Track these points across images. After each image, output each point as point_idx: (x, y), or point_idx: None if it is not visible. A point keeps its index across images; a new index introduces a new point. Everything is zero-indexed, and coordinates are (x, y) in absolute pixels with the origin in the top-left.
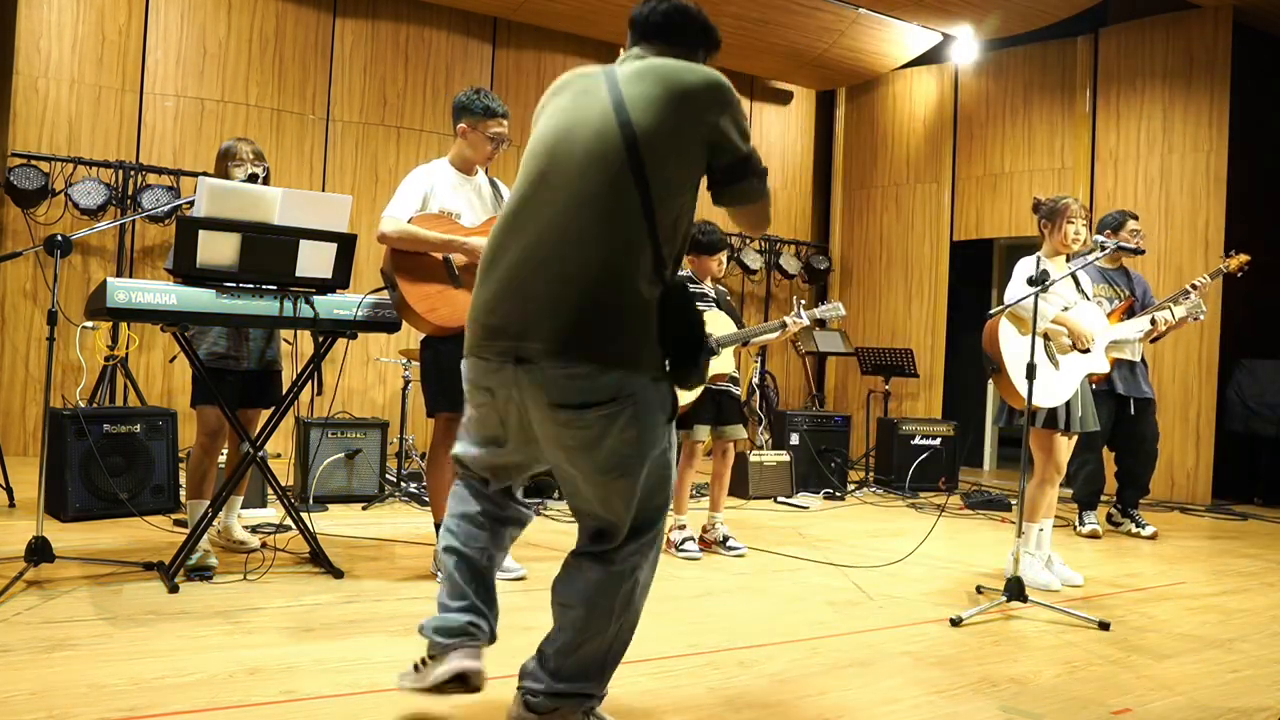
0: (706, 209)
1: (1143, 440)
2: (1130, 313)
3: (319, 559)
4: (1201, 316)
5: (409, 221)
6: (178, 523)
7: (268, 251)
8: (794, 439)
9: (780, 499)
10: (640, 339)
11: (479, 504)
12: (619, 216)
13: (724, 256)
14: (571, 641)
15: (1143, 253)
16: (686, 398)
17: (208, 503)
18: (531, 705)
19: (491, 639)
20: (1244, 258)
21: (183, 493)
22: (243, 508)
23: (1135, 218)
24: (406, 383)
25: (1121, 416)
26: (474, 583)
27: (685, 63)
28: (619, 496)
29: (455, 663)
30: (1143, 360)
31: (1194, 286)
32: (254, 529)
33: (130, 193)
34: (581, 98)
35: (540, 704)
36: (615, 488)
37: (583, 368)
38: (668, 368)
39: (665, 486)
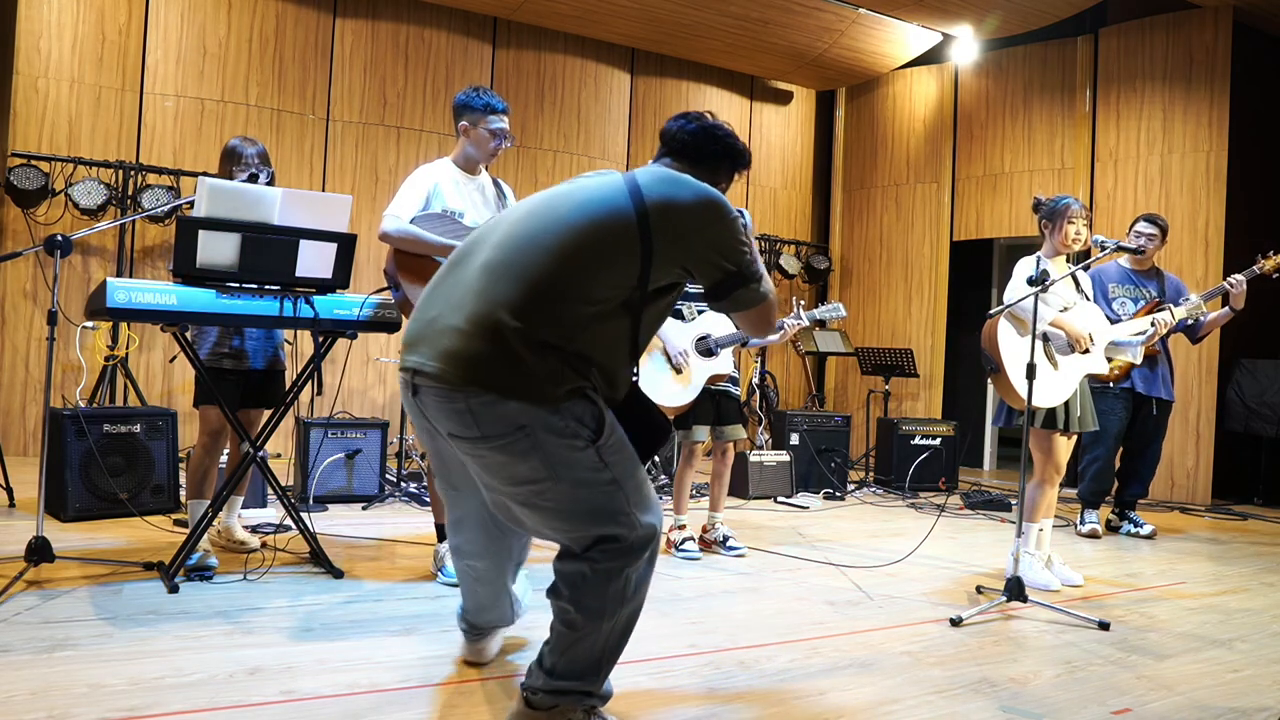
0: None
1: (1153, 441)
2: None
3: (319, 559)
4: (1203, 318)
5: (411, 221)
6: (178, 523)
7: (268, 252)
8: (794, 439)
9: (780, 499)
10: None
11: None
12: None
13: None
14: (564, 639)
15: (1142, 252)
16: (686, 399)
17: (208, 503)
18: (531, 703)
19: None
20: None
21: (183, 493)
22: (243, 508)
23: (1149, 220)
24: None
25: (1139, 415)
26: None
27: (688, 178)
28: (544, 525)
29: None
30: (1169, 362)
31: (1230, 285)
32: (254, 529)
33: (130, 193)
34: (600, 176)
35: (540, 700)
36: (534, 517)
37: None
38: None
39: (609, 504)
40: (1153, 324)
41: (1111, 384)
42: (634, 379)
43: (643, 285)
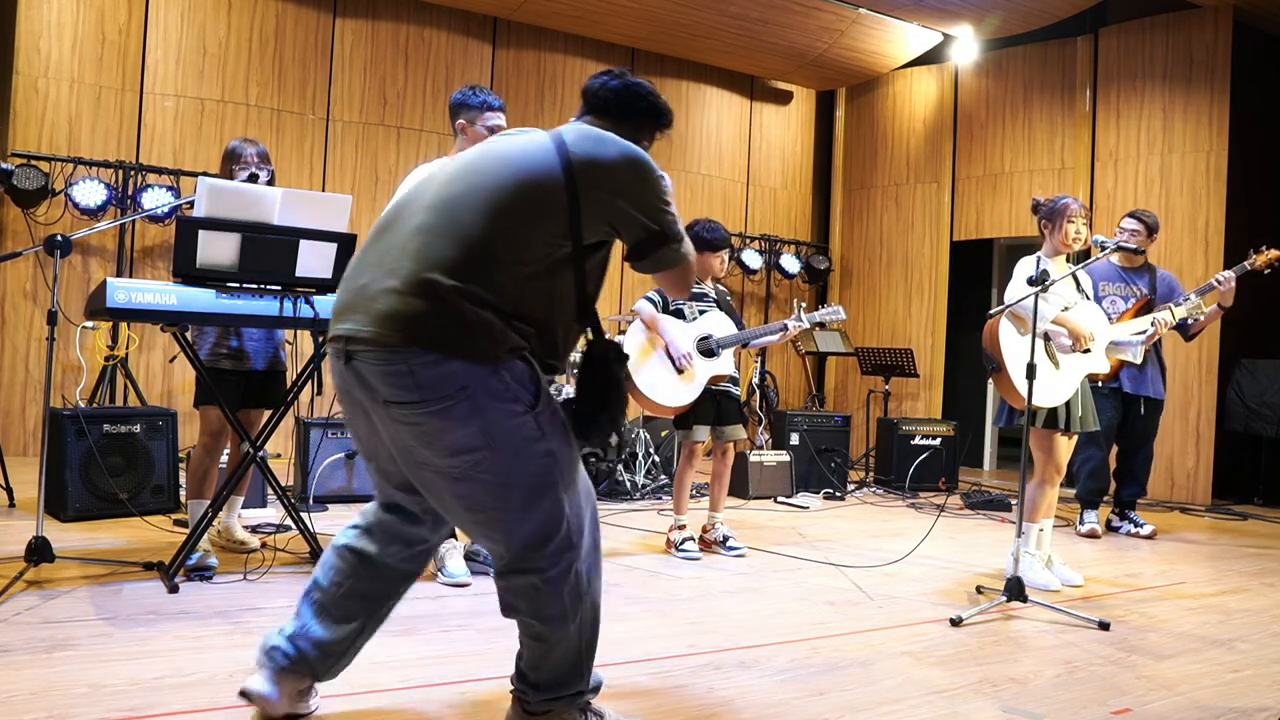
0: (706, 208)
1: (1145, 440)
2: (1147, 311)
3: (319, 559)
4: (1202, 317)
5: None
6: (178, 523)
7: (268, 251)
8: (794, 439)
9: (780, 499)
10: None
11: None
12: (538, 223)
13: (725, 255)
14: (537, 651)
15: (1142, 252)
16: (687, 399)
17: (208, 503)
18: (528, 709)
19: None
20: (1273, 254)
21: (183, 493)
22: (243, 508)
23: (1134, 217)
24: None
25: (1129, 415)
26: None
27: (613, 136)
28: (477, 508)
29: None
30: (1160, 362)
31: (1217, 282)
32: (254, 529)
33: (130, 193)
34: (525, 134)
35: (535, 706)
36: (466, 497)
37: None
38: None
39: (544, 479)
40: (1153, 323)
41: (1100, 383)
42: (613, 352)
43: (576, 241)
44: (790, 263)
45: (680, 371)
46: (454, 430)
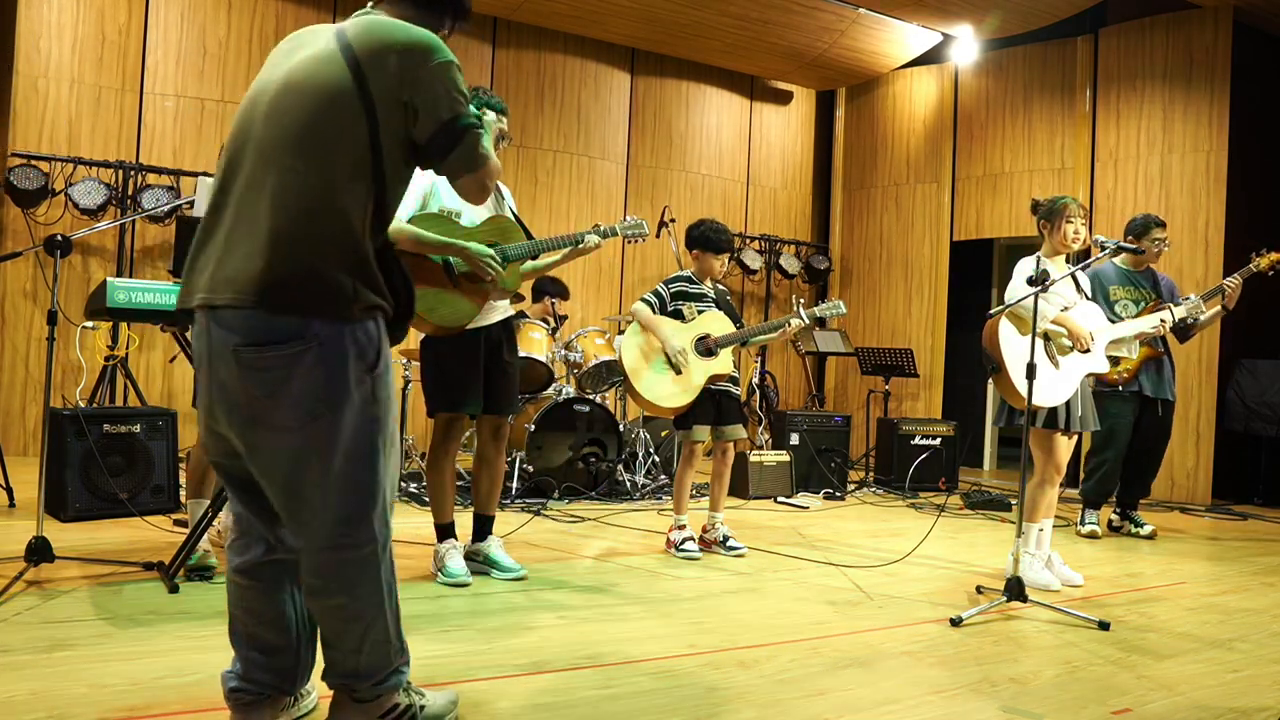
0: (706, 208)
1: (1159, 441)
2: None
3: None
4: (1202, 317)
5: (408, 221)
6: (178, 523)
7: None
8: (794, 439)
9: (780, 499)
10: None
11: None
12: (341, 152)
13: (726, 257)
14: (356, 636)
15: (1142, 252)
16: (686, 398)
17: (208, 502)
18: (358, 697)
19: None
20: (1275, 256)
21: (183, 493)
22: None
23: (1161, 225)
24: (407, 382)
25: (1146, 417)
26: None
27: (402, 24)
28: (301, 475)
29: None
30: (1170, 361)
31: (1228, 286)
32: None
33: (130, 193)
34: (308, 39)
35: (366, 693)
36: (295, 460)
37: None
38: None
39: (369, 446)
40: (1158, 322)
41: (1121, 386)
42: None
43: (375, 148)
44: (790, 263)
45: (678, 371)
46: (296, 383)
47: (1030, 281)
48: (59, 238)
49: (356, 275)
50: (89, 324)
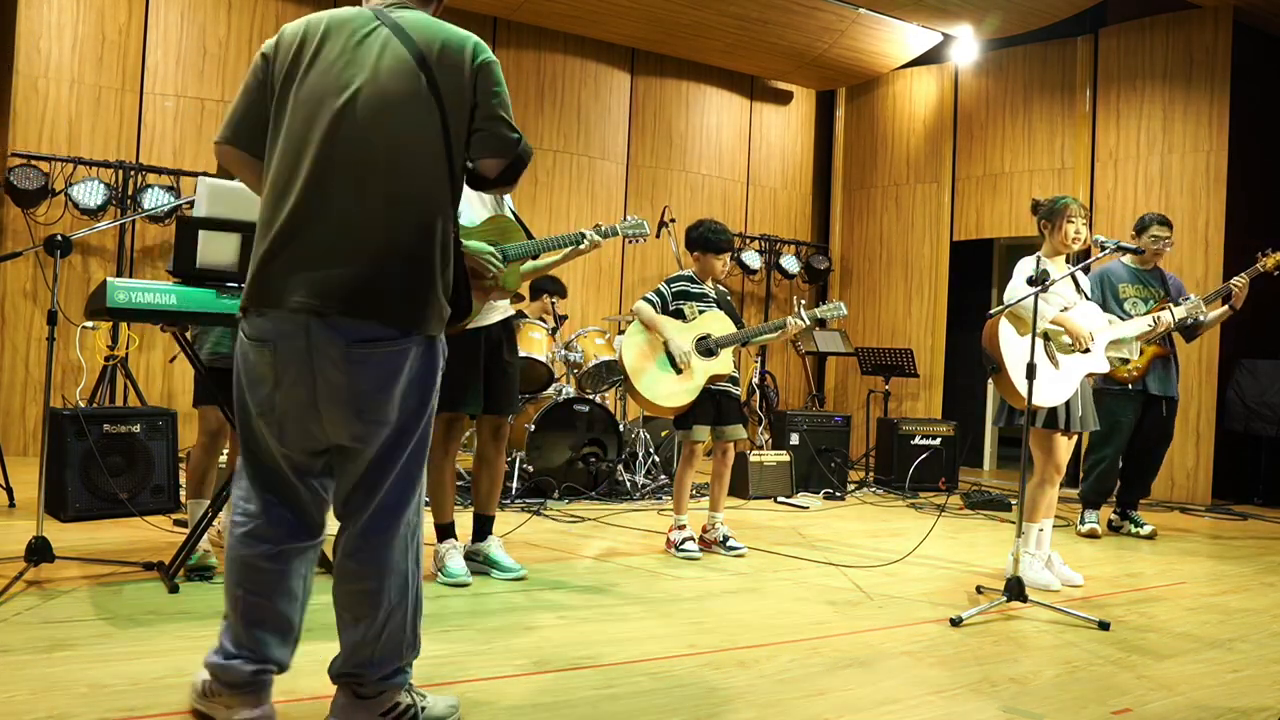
0: (706, 208)
1: (1160, 441)
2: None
3: (319, 559)
4: (1203, 317)
5: None
6: (178, 523)
7: None
8: (794, 439)
9: (780, 499)
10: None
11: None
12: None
13: (728, 258)
14: (378, 624)
15: (1141, 252)
16: (686, 398)
17: (208, 502)
18: (360, 694)
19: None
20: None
21: (183, 493)
22: None
23: (1163, 223)
24: None
25: (1149, 416)
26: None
27: (446, 25)
28: (383, 469)
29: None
30: (1175, 360)
31: (1235, 286)
32: None
33: (130, 193)
34: (366, 36)
35: (369, 689)
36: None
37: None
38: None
39: (425, 448)
40: (1154, 322)
41: (1130, 385)
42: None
43: (450, 163)
44: (790, 263)
45: (679, 371)
46: (403, 381)
47: (1030, 281)
48: (59, 238)
49: (447, 287)
50: (89, 324)
